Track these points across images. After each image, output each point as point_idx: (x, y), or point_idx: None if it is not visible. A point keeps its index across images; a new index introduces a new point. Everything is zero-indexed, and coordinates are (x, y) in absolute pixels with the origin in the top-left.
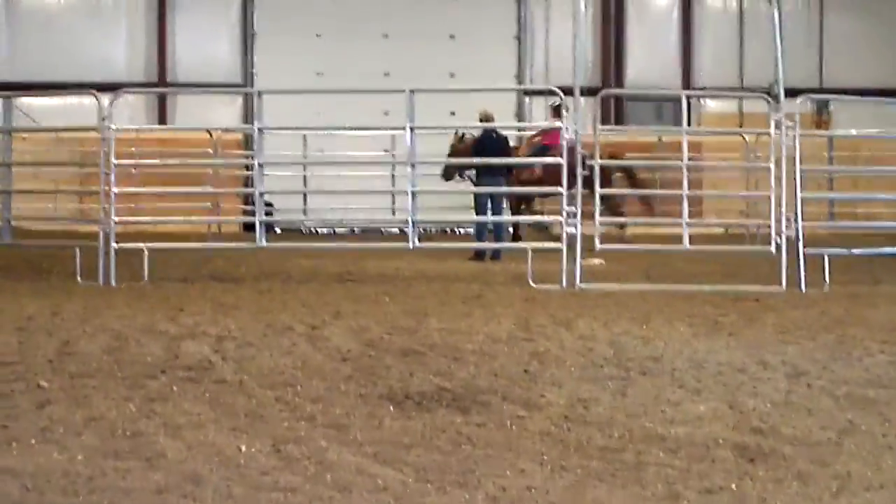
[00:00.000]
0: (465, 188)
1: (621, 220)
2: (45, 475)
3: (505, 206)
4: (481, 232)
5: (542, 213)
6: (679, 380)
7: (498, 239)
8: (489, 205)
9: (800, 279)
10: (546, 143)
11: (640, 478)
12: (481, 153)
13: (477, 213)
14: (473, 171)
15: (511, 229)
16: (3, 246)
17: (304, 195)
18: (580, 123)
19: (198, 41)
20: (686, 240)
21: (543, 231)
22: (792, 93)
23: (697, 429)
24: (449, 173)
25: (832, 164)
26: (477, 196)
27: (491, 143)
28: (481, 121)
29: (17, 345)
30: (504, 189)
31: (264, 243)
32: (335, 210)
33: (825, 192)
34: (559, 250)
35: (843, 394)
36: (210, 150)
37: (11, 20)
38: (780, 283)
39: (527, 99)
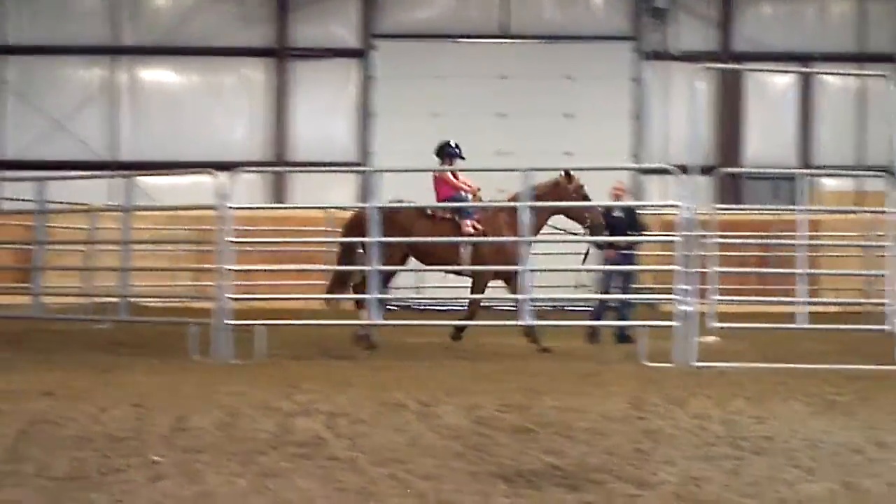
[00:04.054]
0: (577, 266)
1: (738, 298)
2: None
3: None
4: (602, 312)
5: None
6: (793, 459)
7: (624, 318)
8: (613, 283)
9: None
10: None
11: None
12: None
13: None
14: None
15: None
16: (121, 322)
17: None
18: (697, 202)
19: (316, 121)
20: (802, 318)
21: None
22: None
23: None
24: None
25: None
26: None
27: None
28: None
29: (132, 420)
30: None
31: (377, 320)
32: (449, 287)
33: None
34: (672, 328)
35: None
36: (326, 229)
37: (135, 101)
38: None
39: (643, 177)
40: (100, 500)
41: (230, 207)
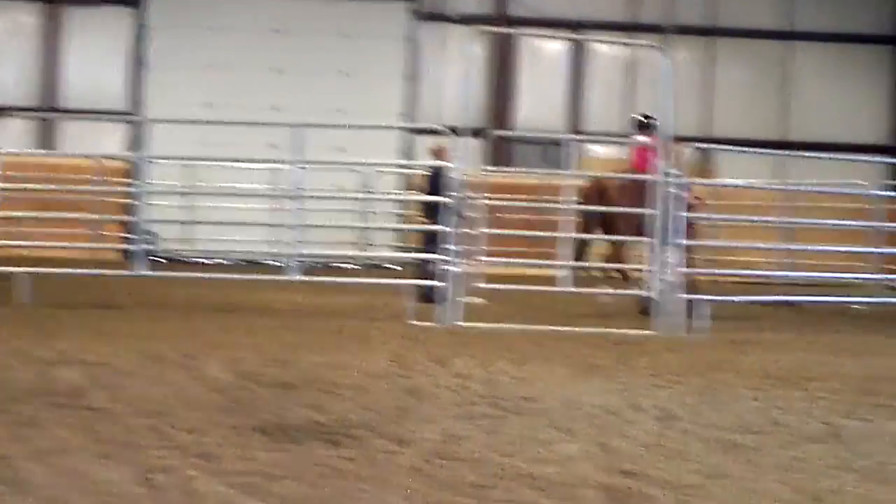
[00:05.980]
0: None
1: (504, 260)
2: None
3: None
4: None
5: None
6: (552, 420)
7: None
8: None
9: (676, 324)
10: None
11: None
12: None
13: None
14: None
15: None
16: None
17: (187, 225)
18: (467, 164)
19: (88, 68)
20: (566, 282)
21: None
22: (679, 141)
23: (567, 469)
24: None
25: (715, 213)
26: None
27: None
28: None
29: None
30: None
31: (144, 272)
32: (218, 241)
33: (707, 239)
34: (440, 288)
35: (712, 438)
36: (95, 178)
37: None
38: (657, 328)
39: (415, 137)
40: None
41: None
